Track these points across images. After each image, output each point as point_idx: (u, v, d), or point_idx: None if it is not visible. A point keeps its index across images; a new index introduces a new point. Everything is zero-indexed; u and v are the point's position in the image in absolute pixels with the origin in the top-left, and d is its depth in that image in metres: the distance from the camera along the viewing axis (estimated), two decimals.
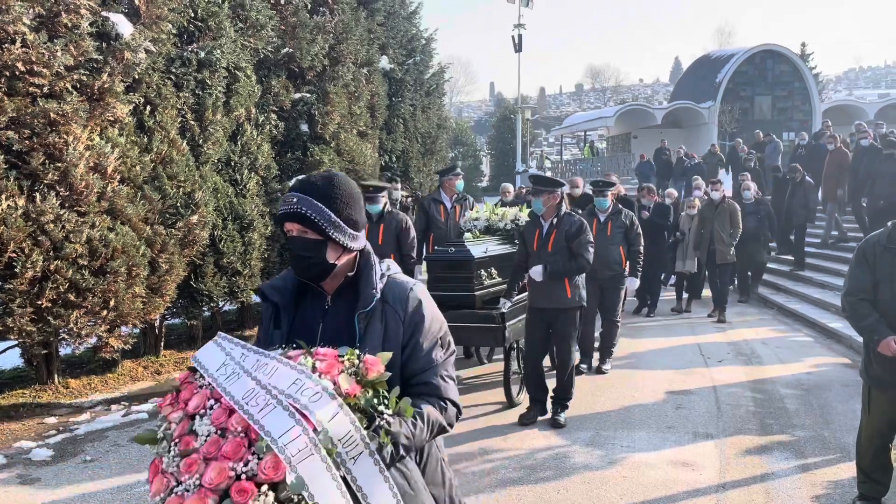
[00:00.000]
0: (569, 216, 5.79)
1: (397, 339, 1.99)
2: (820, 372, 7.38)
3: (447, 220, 7.98)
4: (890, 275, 3.86)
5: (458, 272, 6.22)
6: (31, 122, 5.60)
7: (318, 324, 2.07)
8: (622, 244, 7.50)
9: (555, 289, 5.70)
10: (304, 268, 2.03)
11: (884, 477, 4.13)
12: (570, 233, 5.67)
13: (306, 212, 1.97)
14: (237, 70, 7.84)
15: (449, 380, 2.05)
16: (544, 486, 4.60)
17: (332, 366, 1.77)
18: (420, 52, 15.05)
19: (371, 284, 2.02)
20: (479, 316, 6.07)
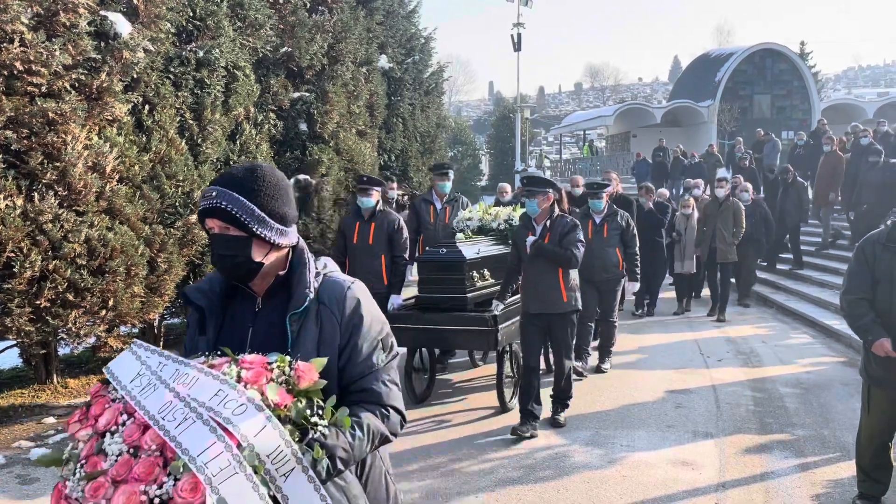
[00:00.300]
0: (562, 218, 5.62)
1: (334, 342, 1.85)
2: (819, 371, 7.38)
3: (436, 221, 7.76)
4: (889, 273, 3.87)
5: (449, 274, 6.07)
6: (30, 122, 5.58)
7: (248, 328, 1.93)
8: (619, 245, 7.36)
9: (550, 293, 5.52)
10: (229, 268, 1.87)
11: (884, 476, 4.13)
12: (563, 234, 5.51)
13: (227, 207, 1.82)
14: (236, 69, 7.83)
15: (391, 385, 1.90)
16: (544, 486, 4.60)
17: (260, 374, 1.63)
18: (419, 51, 15.04)
19: (304, 284, 1.88)
20: (470, 319, 5.89)
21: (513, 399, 6.17)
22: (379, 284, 6.21)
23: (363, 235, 6.35)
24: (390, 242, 6.41)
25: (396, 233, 6.44)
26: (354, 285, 1.93)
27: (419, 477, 4.75)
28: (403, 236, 6.45)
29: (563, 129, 46.13)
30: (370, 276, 6.15)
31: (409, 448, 5.24)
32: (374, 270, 6.28)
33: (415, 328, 5.99)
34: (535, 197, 5.56)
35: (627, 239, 7.41)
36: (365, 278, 6.05)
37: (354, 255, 6.37)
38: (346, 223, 6.59)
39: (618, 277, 7.38)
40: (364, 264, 6.30)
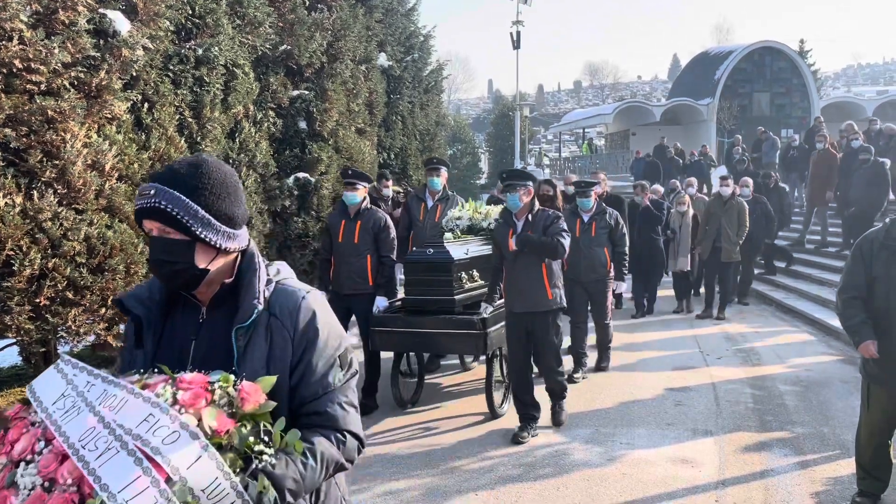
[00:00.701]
0: (543, 211, 5.44)
1: (285, 359, 1.66)
2: (819, 369, 7.38)
3: (426, 219, 7.44)
4: (886, 271, 3.87)
5: (436, 275, 5.86)
6: (29, 120, 5.57)
7: (190, 342, 1.72)
8: (607, 245, 7.20)
9: (534, 290, 5.35)
10: (168, 275, 1.67)
11: (883, 473, 4.14)
12: (546, 226, 5.33)
13: (166, 207, 1.61)
14: (235, 67, 7.82)
15: (349, 407, 1.72)
16: (543, 484, 4.60)
17: (199, 396, 1.44)
18: (418, 49, 15.02)
19: (252, 293, 1.68)
20: (458, 322, 5.69)
21: (503, 404, 6.05)
22: (364, 285, 6.07)
23: (348, 234, 6.11)
24: (377, 241, 6.14)
25: (383, 231, 6.15)
26: (310, 295, 1.74)
27: (418, 475, 4.75)
28: (391, 235, 6.20)
29: (562, 127, 46.12)
30: (355, 276, 6.04)
31: (407, 446, 5.25)
32: (359, 270, 6.08)
33: (401, 331, 5.83)
34: (517, 191, 5.36)
35: (616, 238, 7.25)
36: (350, 278, 6.04)
37: (339, 254, 6.15)
38: (332, 221, 6.35)
39: (606, 278, 7.23)
40: (349, 264, 6.10)
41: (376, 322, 5.88)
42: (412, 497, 4.42)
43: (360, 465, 4.95)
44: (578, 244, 6.96)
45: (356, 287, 6.02)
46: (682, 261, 10.55)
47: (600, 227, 7.18)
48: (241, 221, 1.75)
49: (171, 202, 1.62)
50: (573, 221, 7.11)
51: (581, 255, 7.05)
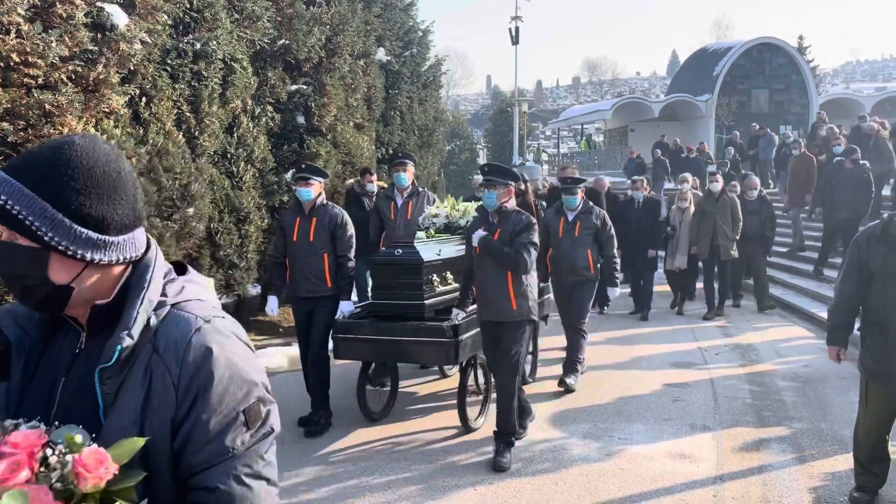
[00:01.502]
0: (517, 214, 4.94)
1: (165, 413, 1.20)
2: (817, 365, 7.39)
3: (397, 218, 6.98)
4: (883, 266, 3.88)
5: (405, 278, 5.41)
6: (26, 114, 5.56)
7: (61, 378, 1.28)
8: (591, 247, 6.69)
9: (498, 299, 4.87)
10: (20, 293, 1.24)
11: (881, 468, 4.15)
12: (514, 232, 4.83)
13: (6, 203, 1.18)
14: (233, 61, 7.80)
15: (254, 482, 1.23)
16: (542, 479, 4.60)
17: (19, 466, 1.03)
18: (417, 44, 15.00)
19: (126, 322, 1.22)
20: (427, 329, 5.20)
21: (479, 417, 5.57)
22: (323, 287, 5.63)
23: (303, 232, 5.64)
24: (333, 240, 5.66)
25: (340, 228, 5.66)
26: (209, 325, 1.26)
27: (416, 470, 4.75)
28: (348, 233, 5.70)
29: (560, 123, 46.05)
30: (312, 277, 5.62)
31: (404, 443, 5.24)
32: (316, 271, 5.62)
33: (365, 339, 5.38)
34: (496, 188, 4.89)
35: (603, 240, 6.76)
36: (306, 279, 5.64)
37: (294, 254, 5.68)
38: (286, 219, 5.86)
39: (588, 280, 6.72)
40: (305, 264, 5.64)
41: (339, 329, 5.47)
42: (410, 492, 4.42)
43: (357, 460, 4.95)
44: (561, 244, 6.70)
45: (313, 289, 5.61)
46: (681, 258, 10.20)
47: (585, 228, 6.71)
48: (120, 225, 1.26)
49: (12, 196, 1.18)
50: (556, 220, 6.79)
51: (562, 256, 6.72)
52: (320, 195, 5.71)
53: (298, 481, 4.60)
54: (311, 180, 5.65)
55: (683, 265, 10.21)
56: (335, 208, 5.76)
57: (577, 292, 6.73)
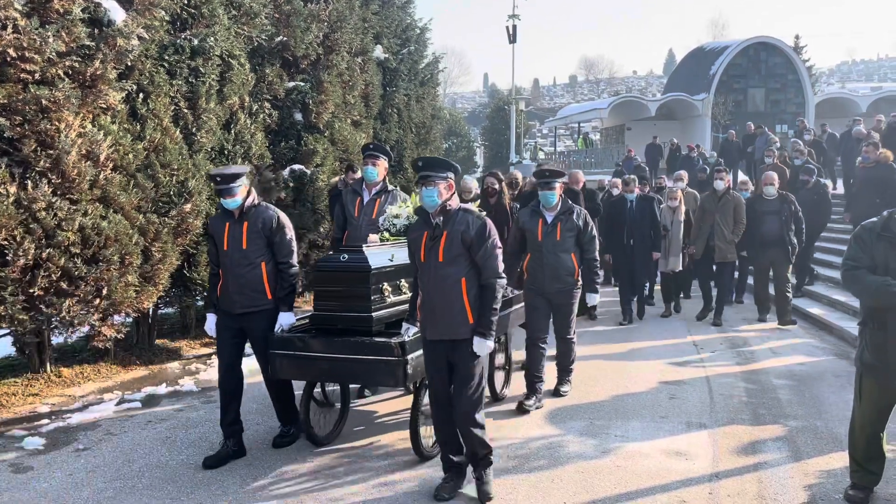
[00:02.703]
0: (463, 213, 4.21)
1: None
2: (812, 363, 7.41)
3: (361, 217, 6.38)
4: (884, 262, 3.90)
5: (350, 287, 4.81)
6: (23, 109, 5.55)
7: None
8: (574, 251, 6.08)
9: (449, 313, 4.17)
10: None
11: (876, 466, 4.16)
12: (466, 237, 4.13)
13: None
14: (231, 58, 7.79)
15: None
16: (538, 476, 4.61)
17: None
18: (414, 41, 14.99)
19: None
20: (372, 346, 4.59)
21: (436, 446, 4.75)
22: (261, 299, 4.90)
23: (234, 238, 4.89)
24: (270, 245, 4.96)
25: (277, 232, 4.94)
26: None
27: (412, 467, 4.76)
28: (287, 236, 4.99)
29: (557, 121, 46.09)
30: (248, 289, 4.86)
31: (400, 440, 5.24)
32: (252, 283, 4.87)
33: (304, 356, 4.78)
34: (435, 184, 4.19)
35: (585, 242, 6.13)
36: (242, 293, 4.89)
37: (227, 264, 4.92)
38: (214, 225, 5.04)
39: (573, 287, 6.13)
40: (240, 275, 4.87)
41: (276, 344, 4.84)
42: (407, 489, 4.42)
43: (354, 457, 4.95)
44: (541, 249, 6.05)
45: (251, 303, 4.88)
46: (674, 260, 9.80)
47: (566, 230, 6.05)
48: None
49: None
50: (534, 222, 6.10)
51: (543, 262, 6.05)
52: (250, 195, 4.94)
53: (293, 477, 4.61)
54: (231, 188, 4.79)
55: (678, 267, 9.85)
56: (269, 209, 5.00)
57: (563, 302, 6.14)
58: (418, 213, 4.41)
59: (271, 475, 4.65)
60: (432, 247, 4.19)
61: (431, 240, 4.20)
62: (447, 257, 4.15)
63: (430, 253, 4.21)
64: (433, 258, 4.20)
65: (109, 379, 6.89)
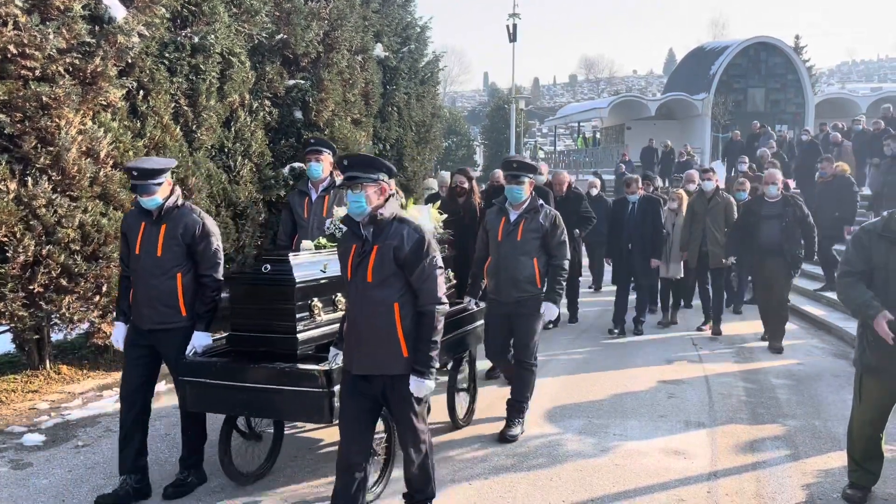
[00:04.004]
0: (399, 225, 3.51)
1: None
2: (811, 363, 7.43)
3: (311, 218, 5.88)
4: (885, 263, 3.91)
5: (273, 303, 4.16)
6: (23, 106, 5.55)
7: None
8: (538, 255, 5.25)
9: (377, 343, 3.50)
10: None
11: (874, 466, 4.17)
12: (399, 253, 3.46)
13: None
14: (231, 56, 7.79)
15: None
16: (537, 474, 4.62)
17: None
18: (415, 40, 14.97)
19: None
20: (292, 374, 3.92)
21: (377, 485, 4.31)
22: (174, 316, 4.20)
23: (148, 242, 4.20)
24: (191, 254, 4.25)
25: (200, 240, 4.23)
26: None
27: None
28: (213, 246, 4.27)
29: (557, 120, 46.12)
30: (160, 303, 4.18)
31: None
32: (163, 295, 4.18)
33: (217, 386, 4.05)
34: (362, 188, 3.47)
35: (553, 245, 5.26)
36: (152, 307, 4.17)
37: (137, 271, 4.23)
38: (128, 222, 4.36)
39: (534, 298, 5.26)
40: (150, 286, 4.18)
41: (186, 369, 4.13)
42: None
43: None
44: (499, 251, 5.28)
45: (161, 319, 4.20)
46: (675, 267, 9.17)
47: (529, 230, 5.23)
48: None
49: None
50: (497, 221, 5.35)
51: (499, 268, 5.27)
52: (173, 194, 4.25)
53: (295, 470, 4.61)
54: (147, 186, 4.12)
55: (679, 273, 9.20)
56: (193, 213, 4.27)
57: (522, 315, 5.27)
58: (346, 223, 3.64)
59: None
60: (360, 264, 3.51)
61: (359, 256, 3.52)
62: (377, 277, 3.47)
63: (358, 271, 3.53)
64: (361, 278, 3.51)
65: (109, 376, 6.89)
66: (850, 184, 9.99)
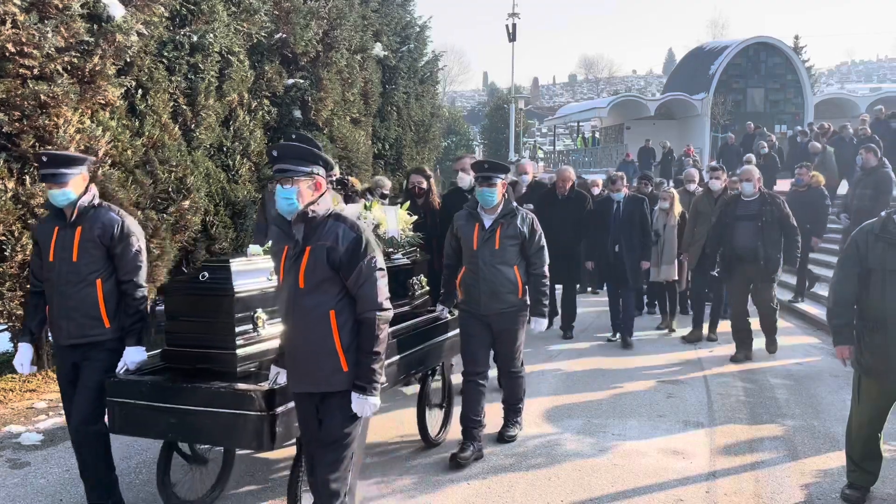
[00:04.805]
0: (334, 223, 3.13)
1: None
2: (810, 363, 7.43)
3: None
4: (881, 264, 3.91)
5: (210, 315, 3.71)
6: (21, 104, 5.55)
7: None
8: (518, 263, 4.87)
9: (314, 357, 3.14)
10: None
11: (873, 466, 4.17)
12: (334, 255, 3.08)
13: None
14: (230, 55, 7.79)
15: None
16: (535, 473, 4.62)
17: None
18: (414, 39, 14.97)
19: None
20: (227, 396, 3.46)
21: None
22: (96, 328, 3.82)
23: (63, 247, 3.81)
24: (111, 258, 3.86)
25: (120, 242, 3.84)
26: None
27: (411, 464, 4.76)
28: (133, 248, 3.89)
29: (557, 120, 46.09)
30: (79, 315, 3.80)
31: (399, 435, 5.25)
32: (83, 305, 3.80)
33: (147, 408, 3.62)
34: (294, 182, 3.12)
35: (531, 253, 4.90)
36: (71, 319, 3.76)
37: (52, 280, 3.84)
38: (41, 230, 3.99)
39: (518, 309, 4.93)
40: (67, 295, 3.80)
41: (112, 390, 3.70)
42: (405, 485, 4.43)
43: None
44: (476, 261, 4.84)
45: (82, 332, 3.82)
46: (667, 269, 8.67)
47: (506, 237, 4.83)
48: None
49: None
50: (470, 227, 4.90)
51: (479, 278, 4.84)
52: (88, 192, 3.87)
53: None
54: (61, 174, 3.75)
55: (672, 276, 8.70)
56: (111, 212, 3.89)
57: (506, 328, 4.93)
58: (277, 223, 3.25)
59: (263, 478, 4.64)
60: (292, 268, 3.15)
61: (291, 258, 3.16)
62: (310, 282, 3.10)
63: (290, 276, 3.16)
64: (292, 283, 3.14)
65: None
66: (823, 196, 9.63)
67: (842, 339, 4.14)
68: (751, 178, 7.35)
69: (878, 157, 9.54)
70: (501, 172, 4.87)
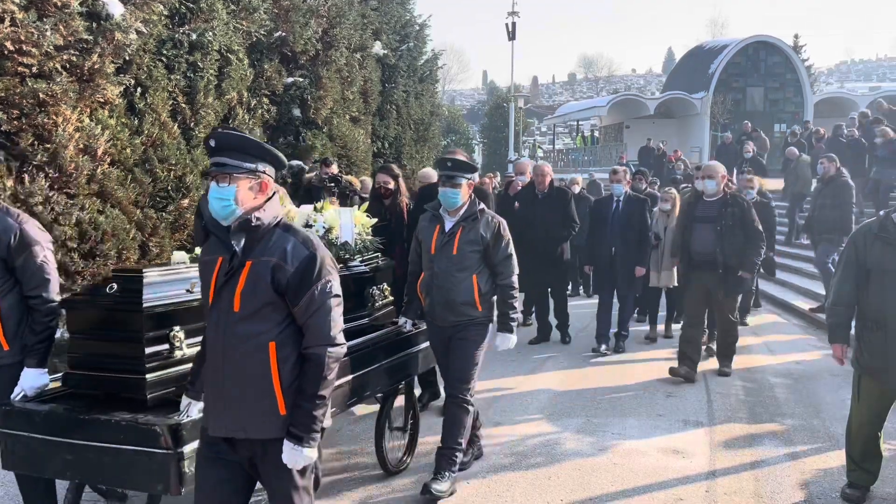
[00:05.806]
0: (283, 234, 2.56)
1: None
2: (809, 362, 7.42)
3: None
4: (880, 263, 3.91)
5: (118, 333, 3.20)
6: (20, 103, 5.54)
7: None
8: (478, 271, 4.32)
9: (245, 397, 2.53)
10: None
11: (873, 465, 4.17)
12: (280, 275, 2.49)
13: None
14: (229, 53, 7.78)
15: None
16: (535, 473, 4.61)
17: None
18: (413, 38, 14.97)
19: None
20: (128, 430, 2.93)
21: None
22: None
23: None
24: (11, 269, 3.37)
25: (19, 252, 3.35)
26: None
27: (409, 464, 4.75)
28: (36, 258, 3.38)
29: (556, 119, 46.07)
30: None
31: None
32: None
33: (41, 441, 3.07)
34: (234, 181, 2.53)
35: (497, 261, 4.35)
36: None
37: None
38: None
39: (473, 323, 4.34)
40: None
41: (5, 420, 3.17)
42: (405, 485, 4.42)
43: (350, 454, 4.94)
44: (432, 266, 4.38)
45: None
46: (667, 275, 8.03)
47: (466, 242, 4.30)
48: None
49: None
50: (430, 229, 4.43)
51: (433, 284, 4.37)
52: None
53: None
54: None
55: (672, 282, 7.97)
56: (9, 216, 3.38)
57: (458, 341, 4.34)
58: (210, 228, 2.62)
59: None
60: (225, 285, 2.54)
61: (225, 274, 2.55)
62: (248, 307, 2.50)
63: (222, 295, 2.55)
64: (225, 305, 2.54)
65: None
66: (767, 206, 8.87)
67: (836, 337, 4.22)
68: (714, 175, 6.49)
69: (837, 166, 9.38)
70: (467, 172, 4.34)
